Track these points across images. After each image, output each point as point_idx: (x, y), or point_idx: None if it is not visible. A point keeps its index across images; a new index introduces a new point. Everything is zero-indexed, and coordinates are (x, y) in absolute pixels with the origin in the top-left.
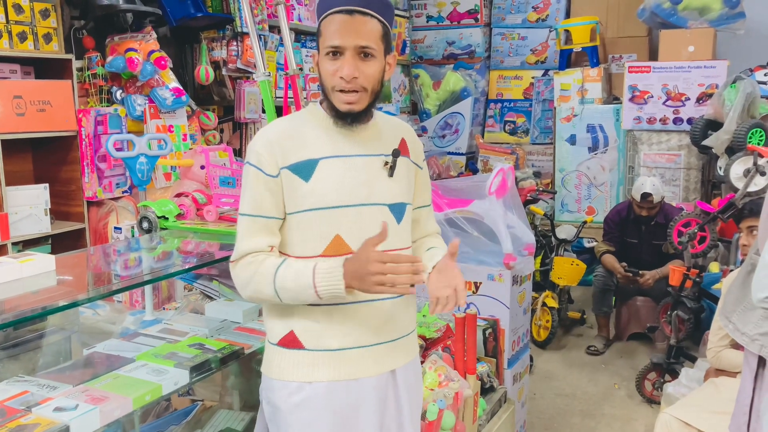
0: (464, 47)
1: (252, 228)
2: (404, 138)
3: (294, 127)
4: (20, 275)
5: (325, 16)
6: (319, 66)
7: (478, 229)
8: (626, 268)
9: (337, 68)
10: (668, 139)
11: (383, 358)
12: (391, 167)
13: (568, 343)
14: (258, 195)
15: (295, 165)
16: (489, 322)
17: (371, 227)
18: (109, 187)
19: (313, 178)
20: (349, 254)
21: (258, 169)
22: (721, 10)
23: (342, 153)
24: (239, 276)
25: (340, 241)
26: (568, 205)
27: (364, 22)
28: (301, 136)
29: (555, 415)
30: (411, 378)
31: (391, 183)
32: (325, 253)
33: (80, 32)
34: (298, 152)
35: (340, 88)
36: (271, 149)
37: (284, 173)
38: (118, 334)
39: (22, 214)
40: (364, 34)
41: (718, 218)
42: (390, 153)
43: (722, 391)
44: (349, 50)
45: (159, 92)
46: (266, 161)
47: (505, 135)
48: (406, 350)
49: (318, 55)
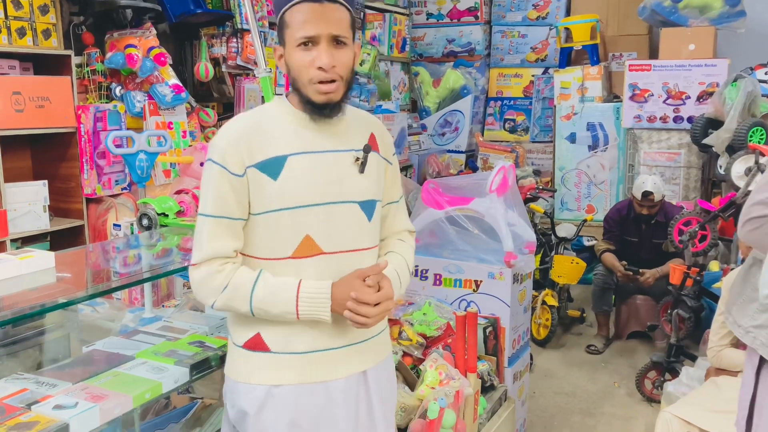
0: (464, 45)
1: (215, 230)
2: (374, 133)
3: (260, 122)
4: (19, 272)
5: (289, 6)
6: (288, 59)
7: (479, 227)
8: (626, 266)
9: (312, 59)
10: (668, 138)
11: (353, 360)
12: (362, 163)
13: (567, 341)
14: (222, 194)
15: (262, 163)
16: (489, 321)
17: (342, 226)
18: (108, 184)
19: (281, 176)
20: (319, 255)
21: (222, 167)
22: (721, 9)
23: (311, 149)
24: (203, 284)
25: (310, 242)
26: (567, 204)
27: (334, 9)
28: (268, 131)
29: (555, 414)
30: (383, 378)
31: (362, 179)
32: (294, 255)
33: (79, 28)
34: (265, 149)
35: (318, 80)
36: (236, 146)
37: (250, 172)
38: (117, 332)
39: (21, 211)
40: (335, 21)
41: (719, 217)
42: (360, 148)
43: (723, 390)
44: (324, 39)
45: (158, 89)
46: (231, 159)
47: (504, 133)
48: (377, 351)
49: (283, 48)
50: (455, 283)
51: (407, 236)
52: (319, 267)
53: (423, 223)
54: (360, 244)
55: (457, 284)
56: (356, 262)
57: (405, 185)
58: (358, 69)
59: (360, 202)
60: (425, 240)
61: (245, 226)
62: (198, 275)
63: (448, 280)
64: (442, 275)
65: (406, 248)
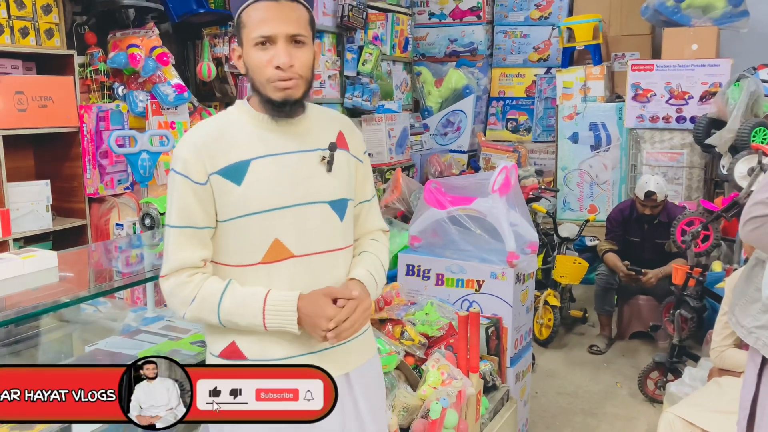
0: (466, 45)
1: (181, 240)
2: (342, 131)
3: (221, 128)
4: (23, 271)
5: (246, 6)
6: (246, 59)
7: (481, 227)
8: (629, 266)
9: (270, 58)
10: (671, 138)
11: (334, 364)
12: (328, 162)
13: (570, 341)
14: (186, 204)
15: (224, 169)
16: (492, 321)
17: (313, 227)
18: (110, 184)
19: (245, 180)
20: (290, 258)
21: (185, 177)
22: (724, 9)
23: (274, 151)
24: (173, 295)
25: (279, 246)
26: (570, 204)
27: (292, 8)
28: (229, 137)
29: (557, 414)
30: (368, 379)
31: (331, 178)
32: (264, 260)
33: (82, 28)
34: (227, 155)
35: (277, 78)
36: (197, 155)
37: (214, 179)
38: (119, 331)
39: (24, 211)
40: (294, 20)
41: (722, 217)
42: (326, 147)
43: (726, 391)
44: (281, 38)
45: (161, 88)
46: (193, 168)
47: (507, 133)
48: (360, 351)
49: (241, 48)
50: (457, 283)
51: (381, 235)
52: (290, 271)
53: (425, 223)
54: (333, 245)
55: (460, 284)
56: (330, 264)
57: (407, 185)
58: (361, 69)
59: (330, 201)
60: (428, 240)
61: (213, 235)
62: (167, 286)
63: (451, 280)
64: (445, 275)
65: (380, 248)
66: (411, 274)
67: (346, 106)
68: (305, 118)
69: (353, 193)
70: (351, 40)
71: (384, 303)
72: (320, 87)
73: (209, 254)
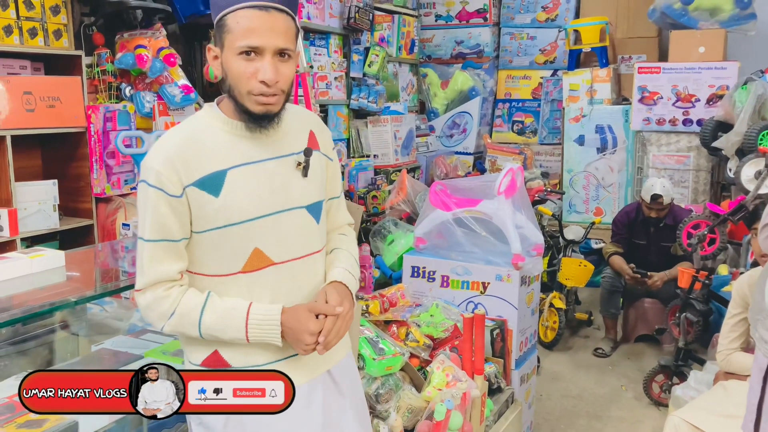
0: (473, 47)
1: (157, 254)
2: (312, 130)
3: (193, 136)
4: (30, 270)
5: (233, 9)
6: (226, 65)
7: (487, 229)
8: (634, 269)
9: (254, 71)
10: (677, 141)
11: (315, 363)
12: (304, 167)
13: (575, 344)
14: (161, 218)
15: (201, 180)
16: (497, 323)
17: (292, 233)
18: (117, 184)
19: (223, 191)
20: (270, 266)
21: (159, 190)
22: (732, 11)
23: (251, 159)
24: (151, 309)
25: (259, 254)
26: (576, 206)
27: (281, 19)
28: (203, 146)
29: (562, 417)
30: (351, 373)
31: (307, 183)
32: (245, 269)
33: (90, 28)
34: (203, 165)
35: (259, 92)
36: (172, 166)
37: (190, 191)
38: (125, 331)
39: (31, 210)
40: (282, 34)
41: (728, 220)
42: (301, 150)
43: (732, 395)
44: (269, 51)
45: (168, 89)
46: (167, 180)
47: (513, 135)
48: (337, 348)
49: (219, 50)
50: (463, 285)
51: (348, 229)
52: (271, 278)
53: (431, 225)
54: (311, 248)
55: (465, 286)
56: (309, 268)
57: (413, 186)
58: (367, 70)
59: (307, 206)
60: (433, 241)
61: (188, 245)
62: (144, 301)
63: (456, 282)
64: (450, 277)
65: (350, 242)
66: (416, 276)
67: (352, 108)
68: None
69: (325, 193)
70: (357, 41)
71: (389, 304)
72: (326, 88)
73: (185, 265)
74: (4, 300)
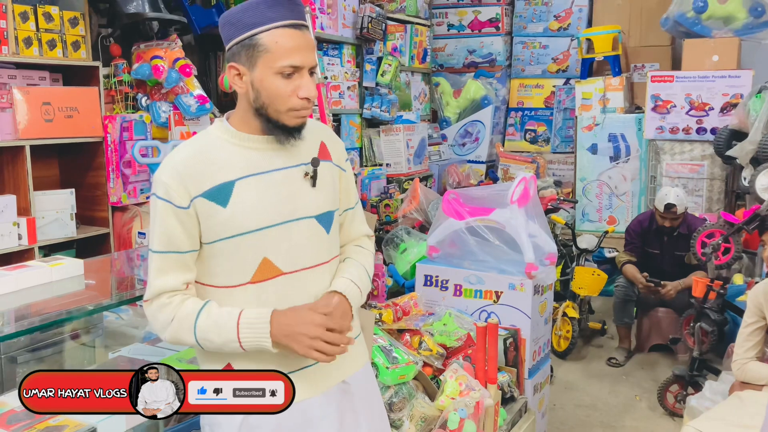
0: (485, 56)
1: (164, 265)
2: (323, 141)
3: (202, 150)
4: (50, 279)
5: (268, 28)
6: (262, 84)
7: (500, 238)
8: (648, 278)
9: (295, 88)
10: (691, 149)
11: (331, 373)
12: (312, 177)
13: (588, 353)
14: (168, 229)
15: (209, 191)
16: (510, 332)
17: (301, 243)
18: (133, 193)
19: (231, 202)
20: (279, 276)
21: (167, 202)
22: (745, 20)
23: (258, 170)
24: (155, 318)
25: (268, 264)
26: (589, 215)
27: (310, 38)
28: (211, 158)
29: (575, 426)
30: (368, 385)
31: (316, 193)
32: (253, 280)
33: (107, 40)
34: (212, 177)
35: (302, 107)
36: (180, 179)
37: (198, 202)
38: (141, 339)
39: (49, 218)
40: (312, 51)
41: (743, 229)
42: (309, 161)
43: (747, 405)
44: (306, 69)
45: (183, 99)
46: (175, 192)
47: (525, 144)
48: (355, 357)
49: (246, 68)
50: (476, 294)
51: (366, 241)
52: (280, 288)
53: (444, 234)
54: (320, 259)
55: (478, 295)
56: (318, 278)
57: (426, 195)
58: (380, 80)
59: (317, 216)
60: (445, 250)
61: (198, 256)
62: (150, 311)
63: (469, 291)
64: (463, 286)
65: (365, 255)
66: (429, 285)
67: (364, 117)
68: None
69: (338, 203)
70: (370, 51)
71: (402, 313)
72: (339, 98)
73: (192, 277)
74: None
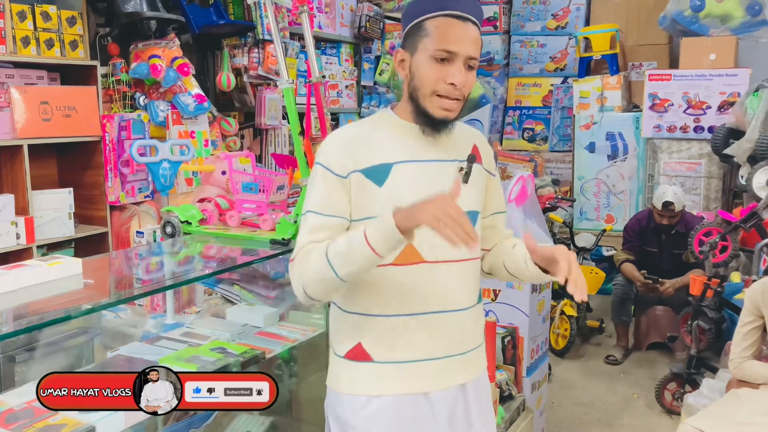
0: (483, 54)
1: (314, 224)
2: (476, 144)
3: (365, 132)
4: (48, 278)
5: (434, 15)
6: (416, 67)
7: None
8: (646, 276)
9: (445, 73)
10: (689, 148)
11: (454, 372)
12: (466, 173)
13: (586, 352)
14: (324, 193)
15: (367, 169)
16: (508, 330)
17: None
18: (131, 192)
19: (387, 182)
20: (421, 263)
21: (326, 169)
22: (743, 18)
23: (416, 158)
24: (295, 270)
25: (412, 250)
26: (586, 213)
27: (475, 31)
28: (373, 141)
29: (573, 425)
30: (482, 393)
31: (467, 190)
32: (396, 262)
33: (105, 39)
34: (371, 156)
35: (445, 94)
36: (342, 150)
37: (355, 176)
38: (139, 338)
39: (47, 218)
40: (474, 43)
41: (740, 227)
42: (464, 159)
43: (745, 403)
44: (461, 58)
45: (181, 98)
46: (335, 161)
47: (523, 142)
48: (476, 364)
49: (409, 53)
50: None
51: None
52: (418, 276)
53: None
54: (461, 255)
55: None
56: (455, 273)
57: None
58: (378, 79)
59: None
60: None
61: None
62: (294, 267)
63: None
64: None
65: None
66: None
67: (362, 116)
68: (449, 131)
69: (482, 207)
70: (368, 50)
71: None
72: (337, 97)
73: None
74: (21, 307)
